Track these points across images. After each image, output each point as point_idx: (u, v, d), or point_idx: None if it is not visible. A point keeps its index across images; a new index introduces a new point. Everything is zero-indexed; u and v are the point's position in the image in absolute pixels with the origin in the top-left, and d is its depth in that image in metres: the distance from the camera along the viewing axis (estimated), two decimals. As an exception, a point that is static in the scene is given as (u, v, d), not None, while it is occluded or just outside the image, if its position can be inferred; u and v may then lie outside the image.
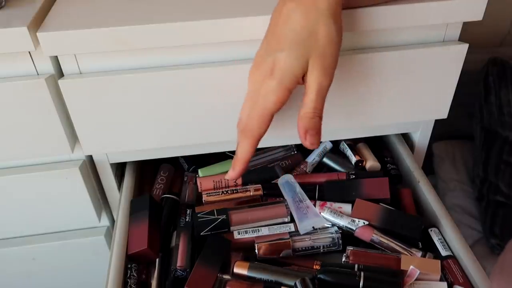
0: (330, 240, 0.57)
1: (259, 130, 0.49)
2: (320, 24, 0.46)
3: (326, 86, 0.47)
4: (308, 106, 0.47)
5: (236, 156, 0.52)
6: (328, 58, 0.47)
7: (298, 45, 0.46)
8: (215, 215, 0.58)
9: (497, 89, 1.08)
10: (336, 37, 0.47)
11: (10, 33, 0.50)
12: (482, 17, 0.56)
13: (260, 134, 0.49)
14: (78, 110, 0.57)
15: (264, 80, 0.47)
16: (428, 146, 0.73)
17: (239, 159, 0.51)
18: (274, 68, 0.46)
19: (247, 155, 0.51)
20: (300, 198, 0.61)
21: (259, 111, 0.48)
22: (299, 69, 0.46)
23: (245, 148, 0.50)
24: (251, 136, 0.49)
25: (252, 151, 0.50)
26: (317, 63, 0.46)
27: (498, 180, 1.05)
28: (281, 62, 0.46)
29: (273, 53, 0.47)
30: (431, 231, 0.60)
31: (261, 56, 0.48)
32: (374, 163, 0.69)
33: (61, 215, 0.68)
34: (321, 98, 0.47)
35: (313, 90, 0.47)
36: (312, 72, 0.46)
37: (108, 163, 0.66)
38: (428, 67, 0.60)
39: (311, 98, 0.47)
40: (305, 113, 0.47)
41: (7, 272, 0.74)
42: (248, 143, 0.50)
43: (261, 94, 0.47)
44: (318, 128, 0.48)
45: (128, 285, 0.54)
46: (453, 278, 0.54)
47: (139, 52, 0.55)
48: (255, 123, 0.48)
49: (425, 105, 0.64)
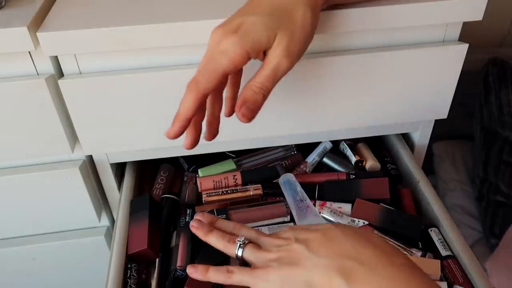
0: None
1: (206, 84, 0.44)
2: (299, 7, 0.45)
3: (284, 69, 0.45)
4: (258, 80, 0.45)
5: (178, 112, 0.46)
6: (296, 42, 0.45)
7: (271, 16, 0.44)
8: (215, 215, 0.58)
9: (497, 89, 1.08)
10: (310, 26, 0.46)
11: (10, 33, 0.50)
12: (482, 17, 0.56)
13: (206, 89, 0.44)
14: (78, 110, 0.57)
15: (226, 36, 0.44)
16: (428, 146, 0.73)
17: (179, 115, 0.46)
18: (240, 28, 0.44)
19: (189, 111, 0.45)
20: (301, 197, 0.61)
21: (211, 65, 0.44)
22: (264, 38, 0.44)
23: (187, 103, 0.45)
24: (196, 89, 0.44)
25: (195, 108, 0.45)
26: (284, 42, 0.44)
27: (498, 180, 1.05)
28: (249, 23, 0.44)
29: (243, 16, 0.45)
30: (431, 231, 0.60)
31: (231, 17, 0.46)
32: (374, 163, 0.69)
33: (61, 215, 0.68)
34: (274, 78, 0.45)
35: (270, 67, 0.45)
36: (275, 49, 0.44)
37: (108, 163, 0.66)
38: (428, 67, 0.60)
39: (265, 73, 0.45)
40: (252, 85, 0.45)
41: (7, 272, 0.74)
42: (191, 97, 0.44)
43: (217, 50, 0.44)
44: (258, 104, 0.45)
45: (128, 285, 0.54)
46: (453, 278, 0.54)
47: (139, 52, 0.55)
48: (203, 76, 0.44)
49: (425, 105, 0.64)
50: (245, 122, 0.45)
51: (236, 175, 0.65)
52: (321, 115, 0.63)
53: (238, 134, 0.64)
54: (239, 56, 0.43)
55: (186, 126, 0.46)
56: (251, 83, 0.45)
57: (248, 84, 0.46)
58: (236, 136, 0.64)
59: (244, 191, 0.63)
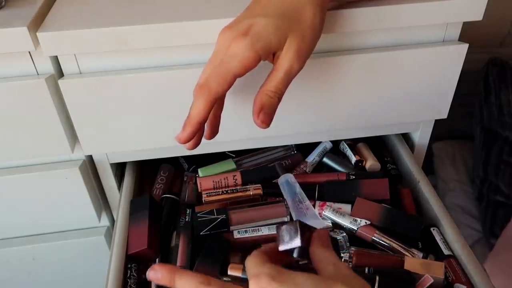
0: (337, 243, 0.57)
1: (217, 88, 0.44)
2: (307, 6, 0.45)
3: (295, 71, 0.45)
4: (272, 85, 0.45)
5: (188, 116, 0.46)
6: (307, 42, 0.45)
7: (282, 17, 0.44)
8: (215, 215, 0.58)
9: (497, 89, 1.08)
10: (319, 24, 0.46)
11: (10, 33, 0.50)
12: (482, 17, 0.56)
13: (217, 93, 0.44)
14: (78, 110, 0.57)
15: (236, 39, 0.43)
16: (428, 146, 0.73)
17: (191, 119, 0.46)
18: (250, 30, 0.43)
19: (200, 115, 0.45)
20: (300, 199, 0.61)
21: (221, 69, 0.44)
22: (275, 40, 0.44)
23: (199, 108, 0.45)
24: (208, 93, 0.44)
25: (206, 112, 0.45)
26: (295, 43, 0.44)
27: (498, 180, 1.05)
28: (260, 25, 0.43)
29: (253, 17, 0.44)
30: (434, 230, 0.59)
31: (239, 18, 0.45)
32: (374, 163, 0.69)
33: (61, 215, 0.68)
34: (287, 81, 0.45)
35: (283, 70, 0.45)
36: (287, 51, 0.44)
37: (108, 163, 0.66)
38: (428, 67, 0.60)
39: (278, 77, 0.45)
40: (267, 90, 0.45)
41: (7, 272, 0.74)
42: (202, 102, 0.44)
43: (227, 53, 0.44)
44: (274, 109, 0.46)
45: (128, 285, 0.54)
46: (455, 277, 0.54)
47: (139, 52, 0.55)
48: (215, 81, 0.44)
49: (425, 105, 0.64)
50: (264, 127, 0.45)
51: (236, 175, 0.65)
52: (321, 115, 0.63)
53: (238, 134, 0.64)
54: (249, 59, 0.43)
55: (197, 130, 0.46)
56: (266, 88, 0.45)
57: (262, 89, 0.45)
58: (236, 136, 0.64)
59: (244, 191, 0.63)
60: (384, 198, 0.62)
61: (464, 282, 0.53)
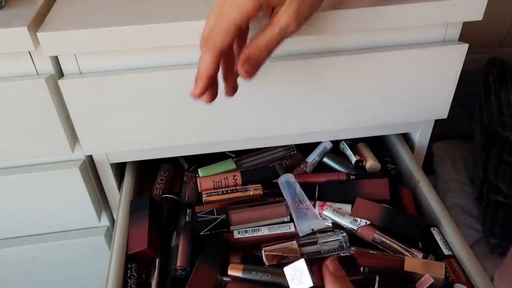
0: (338, 244, 0.57)
1: (222, 41, 0.44)
2: None
3: (291, 31, 0.45)
4: (264, 39, 0.45)
5: (198, 72, 0.46)
6: (307, 4, 0.45)
7: None
8: (215, 215, 0.58)
9: (497, 89, 1.08)
10: None
11: (10, 33, 0.50)
12: (482, 17, 0.56)
13: (222, 47, 0.44)
14: (78, 110, 0.57)
15: None
16: (428, 146, 0.73)
17: (201, 75, 0.46)
18: None
19: (210, 69, 0.45)
20: (300, 199, 0.61)
21: (223, 20, 0.44)
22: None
23: (207, 62, 0.45)
24: (213, 48, 0.44)
25: (215, 65, 0.45)
26: (296, 2, 0.44)
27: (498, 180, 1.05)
28: None
29: None
30: (434, 230, 0.59)
31: None
32: (374, 163, 0.69)
33: (61, 215, 0.68)
34: (280, 38, 0.45)
35: (279, 27, 0.44)
36: (287, 9, 0.44)
37: (108, 163, 0.66)
38: (428, 67, 0.60)
39: (272, 32, 0.44)
40: (257, 44, 0.45)
41: (7, 272, 0.74)
42: (210, 56, 0.45)
43: (227, 3, 0.44)
44: (260, 62, 0.45)
45: (128, 285, 0.54)
46: (454, 277, 0.54)
47: (139, 52, 0.55)
48: (218, 34, 0.44)
49: (425, 105, 0.64)
50: (247, 78, 0.45)
51: (236, 175, 0.65)
52: (321, 115, 0.63)
53: (238, 134, 0.64)
54: (251, 7, 0.43)
55: (208, 84, 0.46)
56: (258, 41, 0.45)
57: (254, 42, 0.45)
58: (236, 136, 0.64)
59: (244, 191, 0.63)
60: (384, 198, 0.62)
61: (464, 282, 0.53)
